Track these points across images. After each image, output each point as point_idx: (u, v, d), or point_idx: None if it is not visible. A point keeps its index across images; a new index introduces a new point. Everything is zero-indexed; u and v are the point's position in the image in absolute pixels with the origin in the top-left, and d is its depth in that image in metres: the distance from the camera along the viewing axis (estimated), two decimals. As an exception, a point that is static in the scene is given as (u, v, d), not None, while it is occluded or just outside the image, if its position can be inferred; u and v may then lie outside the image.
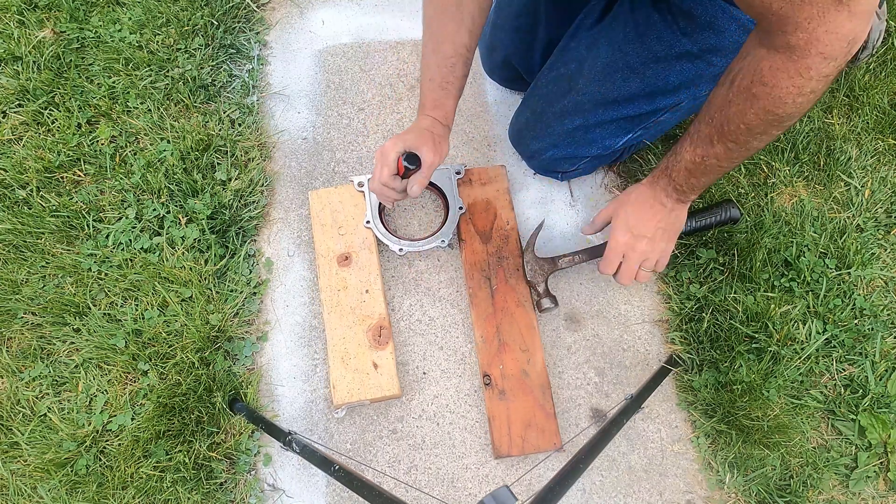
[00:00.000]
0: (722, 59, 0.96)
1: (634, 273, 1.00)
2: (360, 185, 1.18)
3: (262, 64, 1.38)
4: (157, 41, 1.33)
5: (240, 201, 1.20)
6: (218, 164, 1.22)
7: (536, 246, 1.14)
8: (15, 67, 1.30)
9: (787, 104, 0.72)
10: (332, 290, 1.11)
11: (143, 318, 1.08)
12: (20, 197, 1.18)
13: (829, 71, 0.68)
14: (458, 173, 1.20)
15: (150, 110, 1.26)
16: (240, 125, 1.28)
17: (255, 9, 1.42)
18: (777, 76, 0.70)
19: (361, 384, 1.04)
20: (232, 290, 1.13)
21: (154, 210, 1.16)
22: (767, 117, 0.75)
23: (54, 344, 1.07)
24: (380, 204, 1.18)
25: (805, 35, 0.65)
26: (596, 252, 1.11)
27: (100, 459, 0.99)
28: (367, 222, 1.15)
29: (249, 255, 1.18)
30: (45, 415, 1.02)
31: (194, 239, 1.14)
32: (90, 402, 1.03)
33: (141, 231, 1.15)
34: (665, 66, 0.99)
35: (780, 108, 0.73)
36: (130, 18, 1.36)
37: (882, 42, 1.31)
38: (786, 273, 1.12)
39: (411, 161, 0.97)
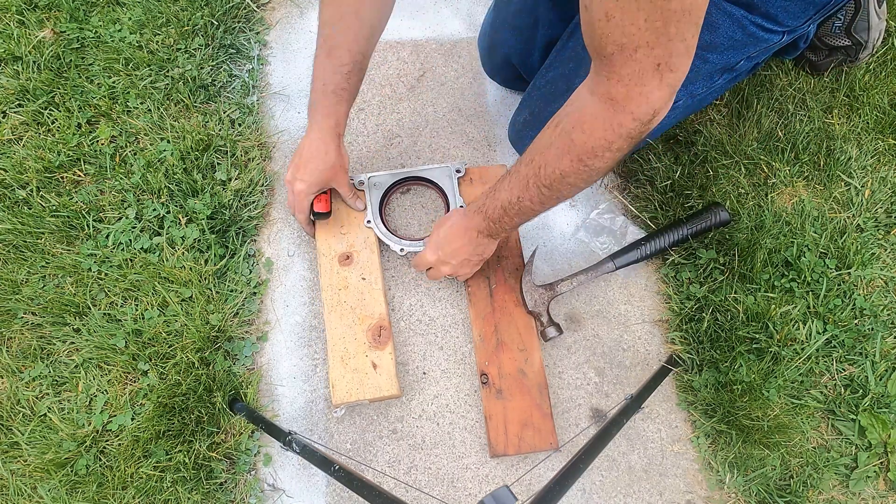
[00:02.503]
0: (717, 56, 0.96)
1: (418, 266, 1.08)
2: (361, 183, 1.18)
3: (262, 64, 1.38)
4: (157, 41, 1.33)
5: (240, 201, 1.20)
6: (218, 164, 1.22)
7: (532, 259, 1.12)
8: (15, 67, 1.30)
9: (598, 157, 0.73)
10: (333, 289, 1.11)
11: (143, 318, 1.08)
12: (20, 197, 1.18)
13: (634, 134, 0.70)
14: (458, 172, 1.20)
15: (150, 110, 1.26)
16: (240, 125, 1.28)
17: (255, 9, 1.42)
18: (595, 125, 0.71)
19: (360, 384, 1.04)
20: (232, 290, 1.13)
21: (154, 210, 1.16)
22: (580, 166, 0.75)
23: (54, 344, 1.07)
24: (380, 204, 1.18)
25: (624, 90, 0.66)
26: (593, 270, 1.11)
27: (100, 459, 0.99)
28: (368, 222, 1.15)
29: (249, 255, 1.18)
30: (45, 415, 1.02)
31: (194, 239, 1.14)
32: (90, 402, 1.03)
33: (141, 231, 1.15)
34: None
35: (592, 159, 0.74)
36: (130, 18, 1.36)
37: (882, 42, 1.31)
38: (786, 273, 1.12)
39: (320, 217, 1.11)
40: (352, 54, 0.95)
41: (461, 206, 1.17)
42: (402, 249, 1.14)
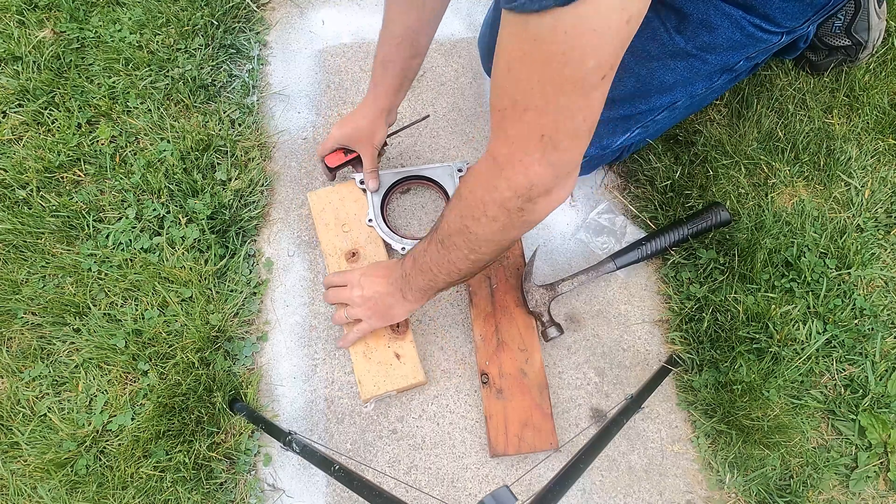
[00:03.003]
0: (716, 57, 0.96)
1: (336, 301, 1.03)
2: (362, 182, 1.18)
3: (262, 64, 1.38)
4: (157, 41, 1.33)
5: (240, 201, 1.20)
6: (218, 164, 1.22)
7: (530, 262, 1.12)
8: (15, 67, 1.30)
9: (476, 219, 0.71)
10: None
11: (143, 318, 1.08)
12: (20, 197, 1.18)
13: (510, 205, 0.67)
14: (459, 171, 1.20)
15: (150, 110, 1.26)
16: (240, 125, 1.28)
17: (255, 9, 1.42)
18: (476, 182, 0.70)
19: (386, 376, 1.04)
20: (232, 290, 1.13)
21: (154, 210, 1.16)
22: (461, 225, 0.74)
23: (54, 344, 1.07)
24: (382, 203, 1.18)
25: (507, 152, 0.64)
26: (594, 270, 1.12)
27: (100, 459, 0.99)
28: (370, 221, 1.15)
29: (249, 255, 1.18)
30: (45, 415, 1.02)
31: (194, 239, 1.14)
32: (90, 402, 1.03)
33: (141, 231, 1.15)
34: (660, 65, 0.99)
35: (471, 220, 0.72)
36: (130, 18, 1.36)
37: (882, 42, 1.31)
38: (786, 273, 1.12)
39: (328, 169, 1.15)
40: (403, 28, 0.97)
41: None
42: (403, 248, 1.14)
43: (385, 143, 1.18)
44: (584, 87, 0.58)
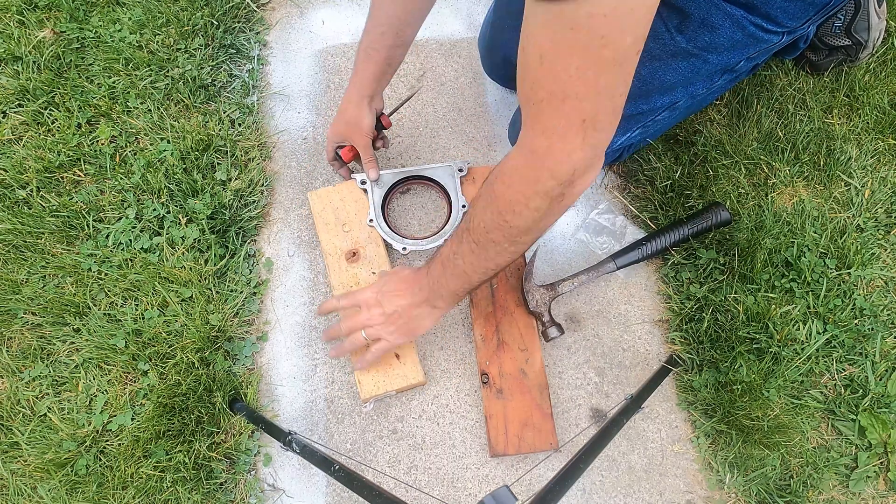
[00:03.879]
0: (717, 57, 0.96)
1: (353, 329, 0.95)
2: (363, 182, 1.18)
3: (262, 64, 1.38)
4: (157, 41, 1.33)
5: (240, 201, 1.20)
6: (218, 164, 1.22)
7: (530, 264, 1.12)
8: (15, 67, 1.30)
9: (516, 213, 0.71)
10: (344, 287, 1.11)
11: (143, 318, 1.08)
12: (20, 197, 1.18)
13: (553, 193, 0.67)
14: (460, 171, 1.20)
15: (150, 110, 1.26)
16: (240, 125, 1.28)
17: (255, 9, 1.42)
18: (514, 177, 0.69)
19: (386, 376, 1.04)
20: (232, 290, 1.13)
21: (154, 210, 1.16)
22: (500, 220, 0.73)
23: (54, 344, 1.07)
24: (383, 203, 1.18)
25: (546, 143, 0.63)
26: (594, 270, 1.12)
27: (100, 459, 0.99)
28: (371, 221, 1.15)
29: (249, 255, 1.18)
30: (45, 415, 1.02)
31: (194, 239, 1.14)
32: (90, 402, 1.03)
33: (141, 231, 1.15)
34: (661, 65, 0.99)
35: (510, 215, 0.71)
36: (130, 18, 1.36)
37: (882, 42, 1.31)
38: (786, 273, 1.12)
39: (340, 160, 1.17)
40: (387, 16, 0.98)
41: (462, 206, 1.17)
42: (404, 248, 1.14)
43: (384, 137, 1.17)
44: (624, 64, 0.58)
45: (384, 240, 1.15)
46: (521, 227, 0.73)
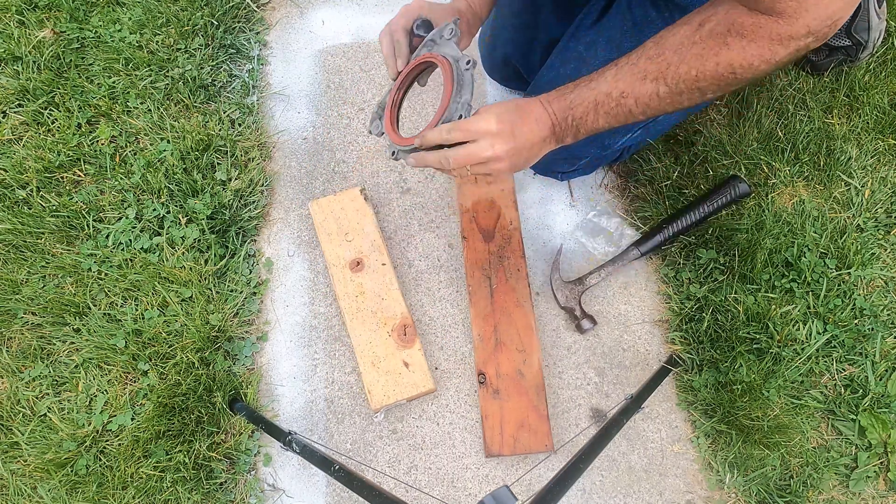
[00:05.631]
0: None
1: (466, 163, 0.80)
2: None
3: (262, 64, 1.38)
4: (157, 41, 1.33)
5: (240, 201, 1.20)
6: (218, 164, 1.22)
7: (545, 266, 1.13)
8: (15, 67, 1.30)
9: (752, 66, 0.69)
10: (349, 296, 1.11)
11: (143, 318, 1.08)
12: (20, 197, 1.18)
13: (804, 45, 0.66)
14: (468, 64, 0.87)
15: (150, 110, 1.26)
16: (240, 125, 1.28)
17: (255, 9, 1.42)
18: (758, 34, 0.67)
19: (396, 384, 1.04)
20: (232, 290, 1.13)
21: (154, 210, 1.16)
22: (726, 72, 0.71)
23: (54, 344, 1.07)
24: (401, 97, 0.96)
25: (795, 3, 0.62)
26: (619, 259, 1.13)
27: (100, 459, 0.99)
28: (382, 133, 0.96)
29: (249, 255, 1.18)
30: (45, 415, 1.02)
31: (194, 239, 1.14)
32: (90, 402, 1.03)
33: (141, 231, 1.15)
34: None
35: (745, 68, 0.69)
36: (130, 18, 1.36)
37: (882, 42, 1.31)
38: (786, 273, 1.12)
39: (422, 28, 0.89)
40: None
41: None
42: (393, 153, 0.93)
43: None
44: None
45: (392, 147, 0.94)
46: (747, 78, 0.71)
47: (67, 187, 1.20)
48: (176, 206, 1.16)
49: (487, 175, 0.83)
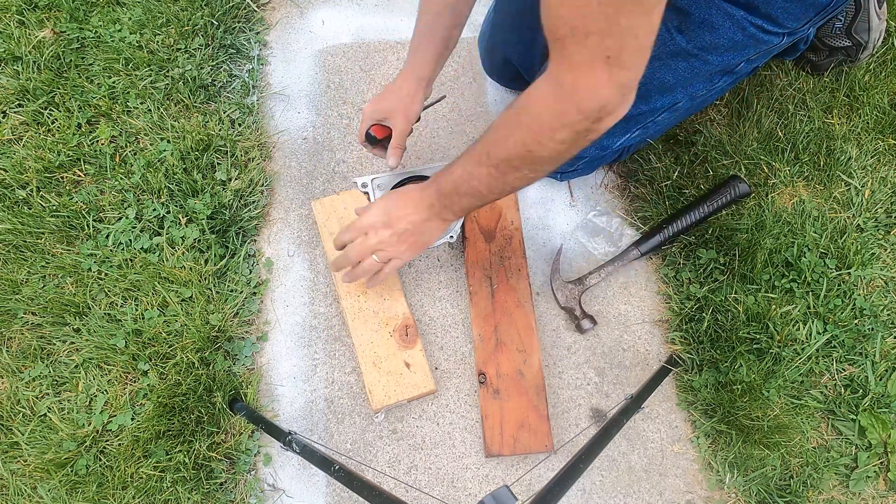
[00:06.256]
0: (717, 57, 0.96)
1: (364, 255, 0.95)
2: (364, 185, 1.18)
3: (262, 64, 1.38)
4: (157, 41, 1.33)
5: (240, 201, 1.20)
6: (218, 164, 1.22)
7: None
8: (15, 67, 1.30)
9: (542, 144, 0.71)
10: (351, 296, 1.11)
11: (143, 318, 1.08)
12: (20, 197, 1.18)
13: (579, 128, 0.68)
14: None
15: (150, 110, 1.26)
16: (240, 125, 1.28)
17: (255, 9, 1.42)
18: (541, 109, 0.70)
19: (397, 385, 1.04)
20: (232, 290, 1.13)
21: (154, 210, 1.16)
22: (523, 150, 0.74)
23: (54, 344, 1.07)
24: None
25: (572, 78, 0.64)
26: (619, 259, 1.13)
27: (100, 459, 0.99)
28: None
29: (249, 255, 1.18)
30: (45, 415, 1.02)
31: (194, 239, 1.14)
32: (90, 402, 1.03)
33: (141, 231, 1.15)
34: (660, 65, 0.99)
35: (536, 145, 0.72)
36: (130, 18, 1.36)
37: (882, 42, 1.31)
38: (786, 273, 1.12)
39: (371, 140, 1.06)
40: None
41: None
42: None
43: (418, 119, 1.11)
44: (645, 6, 0.58)
45: None
46: (544, 157, 0.74)
47: (67, 187, 1.20)
48: (176, 206, 1.16)
49: (393, 260, 0.95)
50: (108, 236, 1.15)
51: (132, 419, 1.01)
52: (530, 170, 0.77)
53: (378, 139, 1.08)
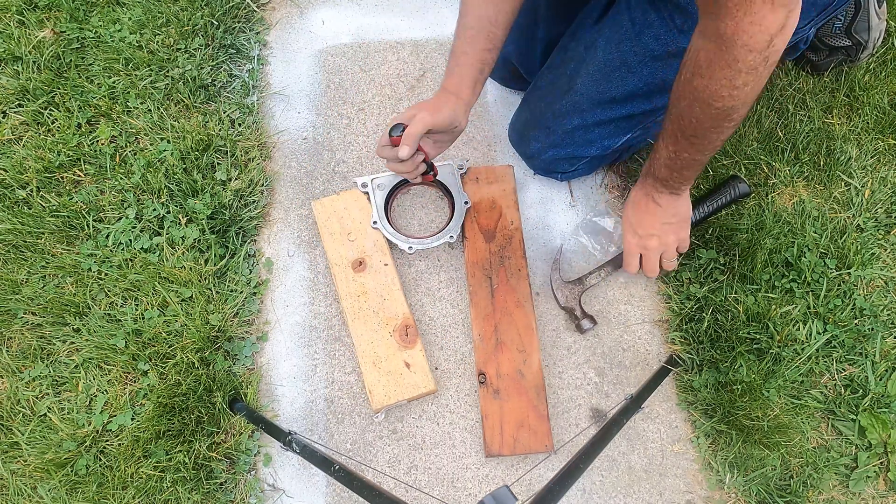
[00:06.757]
0: None
1: (657, 266, 1.06)
2: (364, 185, 1.18)
3: (262, 64, 1.38)
4: (157, 41, 1.33)
5: (240, 201, 1.20)
6: (218, 164, 1.22)
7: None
8: (15, 67, 1.30)
9: (723, 97, 0.72)
10: (352, 296, 1.11)
11: (143, 318, 1.08)
12: (20, 197, 1.18)
13: (755, 63, 0.68)
14: (460, 168, 1.21)
15: (150, 110, 1.26)
16: (240, 125, 1.28)
17: (255, 9, 1.42)
18: (712, 67, 0.70)
19: (397, 385, 1.04)
20: (232, 290, 1.13)
21: (154, 210, 1.16)
22: (710, 111, 0.75)
23: (54, 344, 1.07)
24: (385, 204, 1.18)
25: (733, 24, 0.65)
26: (618, 262, 1.13)
27: (100, 459, 0.99)
28: (375, 223, 1.15)
29: (249, 255, 1.18)
30: (45, 415, 1.02)
31: (194, 239, 1.14)
32: (90, 402, 1.03)
33: (141, 231, 1.15)
34: (662, 65, 0.99)
35: (718, 101, 0.73)
36: (130, 18, 1.36)
37: (882, 42, 1.31)
38: (786, 273, 1.12)
39: (394, 130, 0.97)
40: (478, 19, 0.96)
41: (465, 203, 1.17)
42: (410, 248, 1.14)
43: (435, 170, 1.12)
44: None
45: (389, 241, 1.15)
46: (734, 105, 0.74)
47: (67, 187, 1.20)
48: (176, 206, 1.16)
49: (661, 250, 1.05)
50: (108, 236, 1.15)
51: (132, 419, 1.01)
52: (727, 120, 0.78)
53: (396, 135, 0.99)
